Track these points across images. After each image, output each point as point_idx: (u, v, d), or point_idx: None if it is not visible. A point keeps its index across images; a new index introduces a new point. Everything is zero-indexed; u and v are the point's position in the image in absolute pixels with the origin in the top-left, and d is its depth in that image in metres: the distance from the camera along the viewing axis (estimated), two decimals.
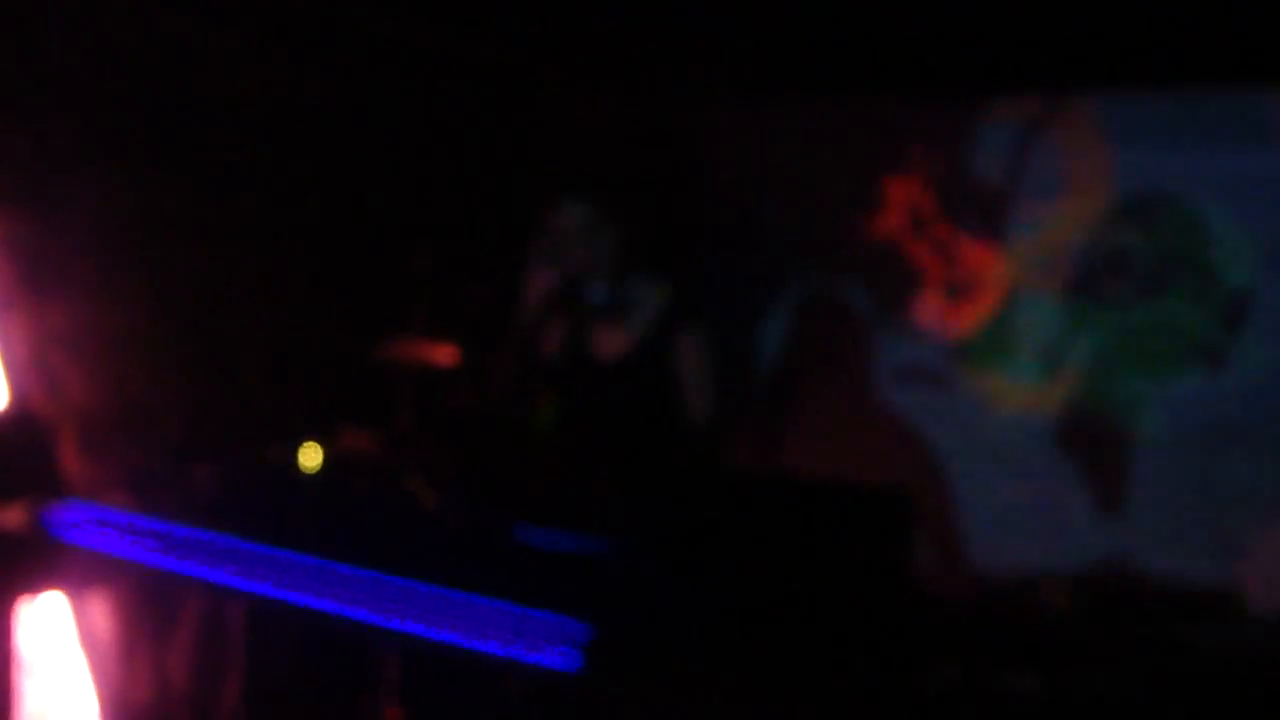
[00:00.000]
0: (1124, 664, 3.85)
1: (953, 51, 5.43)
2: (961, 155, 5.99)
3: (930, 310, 6.08)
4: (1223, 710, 3.53)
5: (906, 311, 6.14)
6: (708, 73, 6.01)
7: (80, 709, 4.56)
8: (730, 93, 6.27)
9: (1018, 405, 5.92)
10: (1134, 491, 5.67)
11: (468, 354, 4.84)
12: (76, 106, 4.72)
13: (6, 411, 4.45)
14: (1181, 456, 5.58)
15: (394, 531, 3.71)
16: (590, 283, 4.11)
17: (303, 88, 5.47)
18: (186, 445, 4.54)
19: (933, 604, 4.38)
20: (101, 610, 4.67)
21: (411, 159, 5.87)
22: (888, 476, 5.95)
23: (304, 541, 3.63)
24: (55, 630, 4.49)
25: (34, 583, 4.24)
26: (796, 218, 6.27)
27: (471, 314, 4.91)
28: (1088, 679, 3.64)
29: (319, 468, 4.13)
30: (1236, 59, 5.16)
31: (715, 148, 6.48)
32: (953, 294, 6.03)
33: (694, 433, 4.05)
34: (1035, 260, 5.88)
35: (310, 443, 4.17)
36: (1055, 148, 5.81)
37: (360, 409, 4.72)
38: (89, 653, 4.58)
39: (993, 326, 5.97)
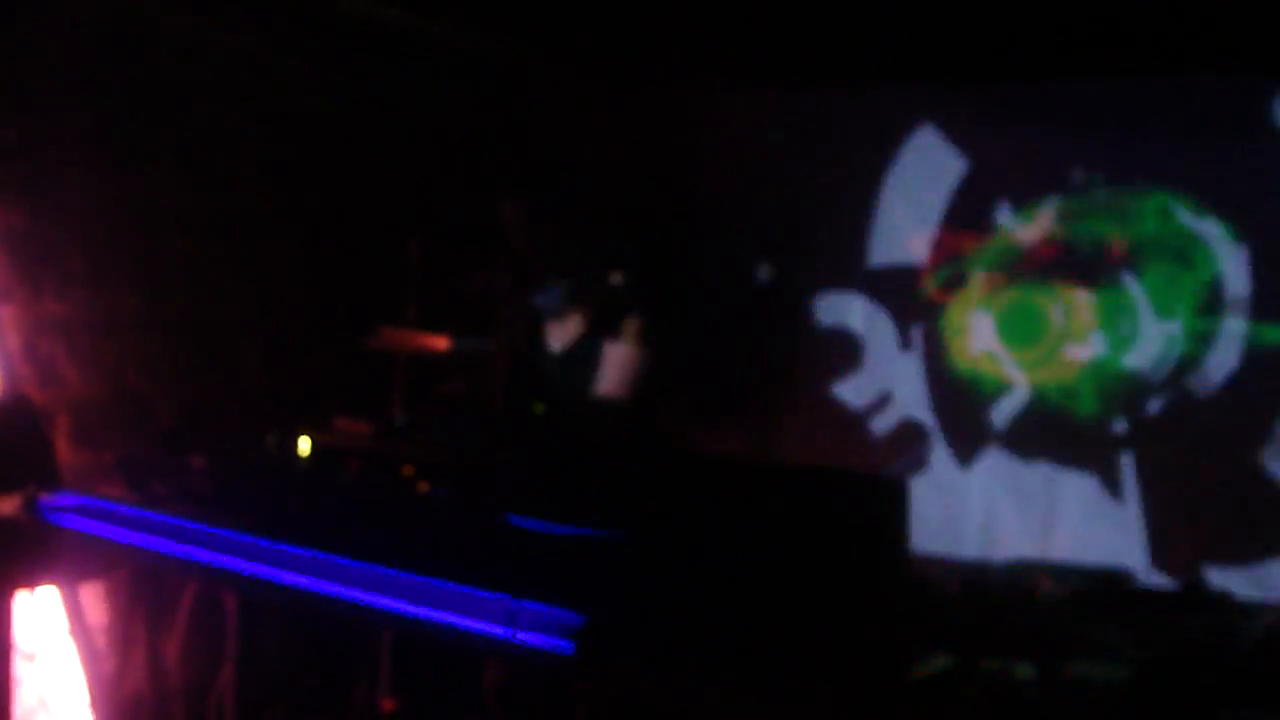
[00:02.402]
0: (1120, 654, 3.86)
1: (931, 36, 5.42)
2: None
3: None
4: (1217, 701, 3.54)
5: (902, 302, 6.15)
6: (703, 63, 6.01)
7: (76, 696, 4.57)
8: (723, 82, 6.26)
9: (1014, 395, 5.93)
10: (1127, 483, 5.68)
11: (462, 344, 4.84)
12: (73, 98, 4.72)
13: (1, 401, 4.45)
14: (1172, 448, 5.59)
15: (388, 521, 3.72)
16: (543, 279, 4.09)
17: (297, 81, 5.47)
18: (181, 435, 4.54)
19: (927, 592, 4.39)
20: (96, 599, 4.68)
21: (406, 150, 5.87)
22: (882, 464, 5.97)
23: (298, 531, 3.63)
24: (50, 618, 4.50)
25: (29, 572, 4.25)
26: (787, 206, 6.27)
27: (465, 304, 4.92)
28: (1084, 668, 3.65)
29: (313, 456, 4.14)
30: (1219, 48, 5.16)
31: (709, 137, 6.48)
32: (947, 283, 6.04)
33: (605, 411, 4.02)
34: (1025, 248, 5.89)
35: (305, 431, 4.18)
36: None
37: (354, 398, 4.73)
38: (84, 641, 4.59)
39: (987, 315, 5.98)
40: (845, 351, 6.24)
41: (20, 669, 4.33)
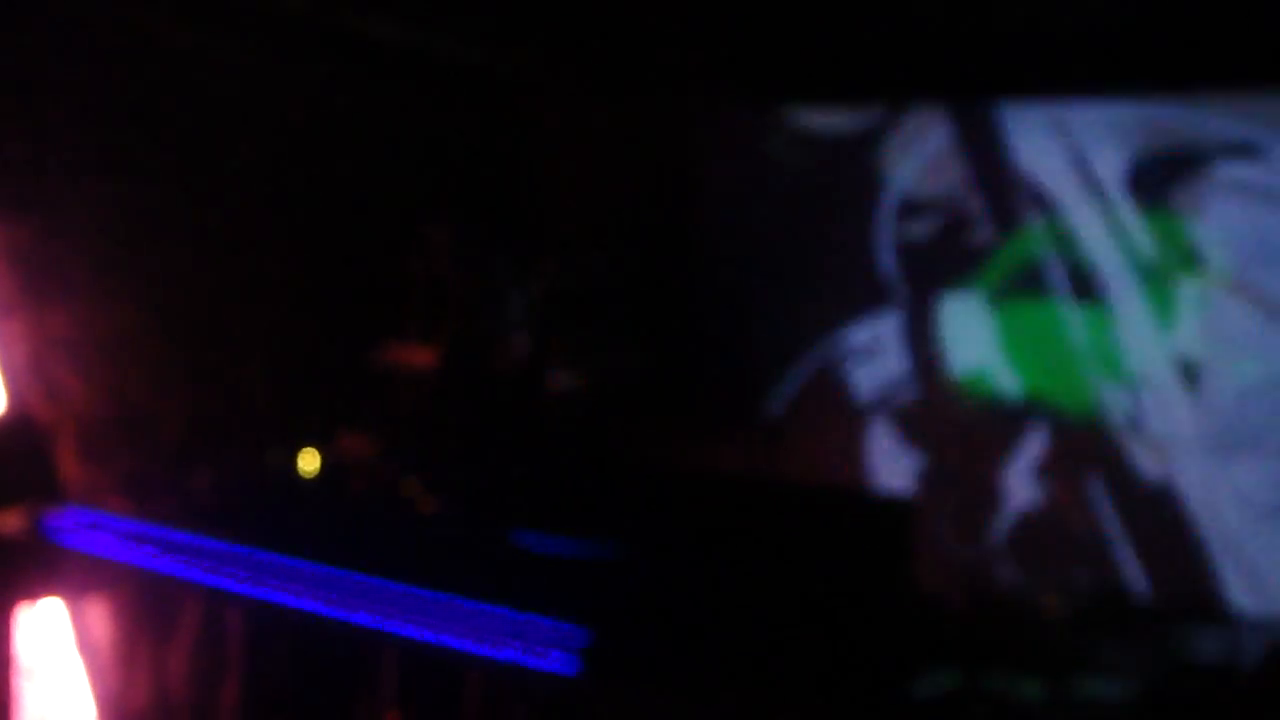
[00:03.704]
0: (1122, 669, 3.85)
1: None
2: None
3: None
4: (1218, 714, 3.54)
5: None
6: (708, 77, 6.02)
7: (79, 712, 4.56)
8: (728, 97, 6.27)
9: (1012, 412, 5.93)
10: (1128, 499, 5.67)
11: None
12: (76, 114, 4.73)
13: (6, 417, 4.45)
14: (1174, 461, 5.59)
15: (392, 536, 3.72)
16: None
17: (299, 96, 5.48)
18: (185, 450, 4.54)
19: (932, 610, 4.39)
20: (100, 615, 4.67)
21: (409, 166, 5.87)
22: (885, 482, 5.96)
23: (303, 546, 3.63)
24: (54, 635, 4.49)
25: (33, 588, 4.24)
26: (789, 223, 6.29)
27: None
28: (1090, 686, 3.64)
29: (317, 472, 4.14)
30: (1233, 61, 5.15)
31: (711, 152, 6.48)
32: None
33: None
34: (1025, 264, 5.89)
35: (309, 448, 4.18)
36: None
37: (358, 414, 4.72)
38: (88, 657, 4.58)
39: (995, 330, 5.98)
40: (850, 365, 6.24)
41: (23, 685, 4.33)
